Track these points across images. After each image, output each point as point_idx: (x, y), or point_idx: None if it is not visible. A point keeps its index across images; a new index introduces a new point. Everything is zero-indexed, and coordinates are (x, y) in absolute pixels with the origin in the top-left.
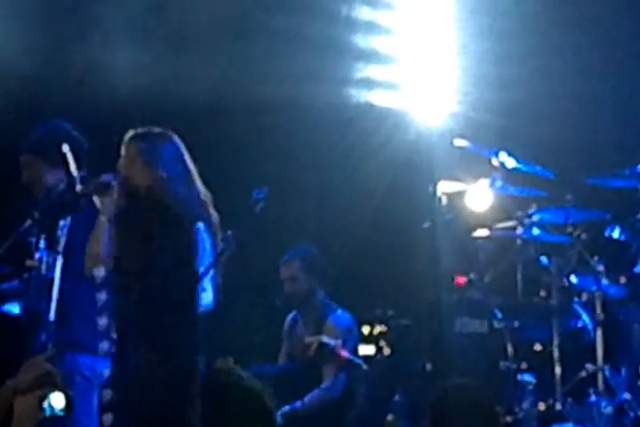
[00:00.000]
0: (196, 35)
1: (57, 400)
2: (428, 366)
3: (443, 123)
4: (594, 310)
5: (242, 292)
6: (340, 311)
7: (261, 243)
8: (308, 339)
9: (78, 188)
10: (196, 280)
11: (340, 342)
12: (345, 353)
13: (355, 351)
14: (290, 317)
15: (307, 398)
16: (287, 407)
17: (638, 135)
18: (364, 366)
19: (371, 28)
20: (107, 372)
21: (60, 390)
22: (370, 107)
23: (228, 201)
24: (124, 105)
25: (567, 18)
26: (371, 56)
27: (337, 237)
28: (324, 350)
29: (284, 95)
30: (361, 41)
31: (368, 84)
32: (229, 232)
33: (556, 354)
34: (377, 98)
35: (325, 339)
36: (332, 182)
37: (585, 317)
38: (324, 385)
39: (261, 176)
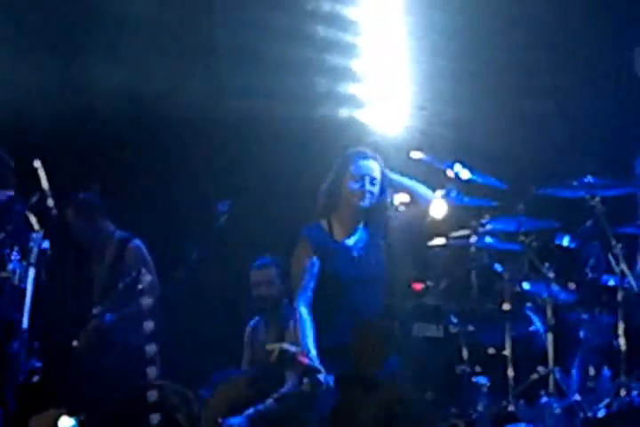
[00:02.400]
0: (162, 51)
1: (64, 423)
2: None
3: (399, 136)
4: (545, 314)
5: (206, 300)
6: None
7: (226, 253)
8: (269, 346)
9: (50, 202)
10: None
11: (300, 348)
12: (305, 359)
13: None
14: (251, 323)
15: (269, 402)
16: (251, 410)
17: (585, 148)
18: (324, 372)
19: (332, 45)
20: None
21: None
22: (329, 120)
23: (194, 213)
24: (90, 118)
25: (517, 39)
26: (331, 72)
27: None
28: (286, 357)
29: (248, 109)
30: (323, 58)
31: (328, 98)
32: None
33: (509, 357)
34: (337, 112)
35: (286, 346)
36: (294, 192)
37: (536, 321)
38: (285, 389)
39: (225, 188)
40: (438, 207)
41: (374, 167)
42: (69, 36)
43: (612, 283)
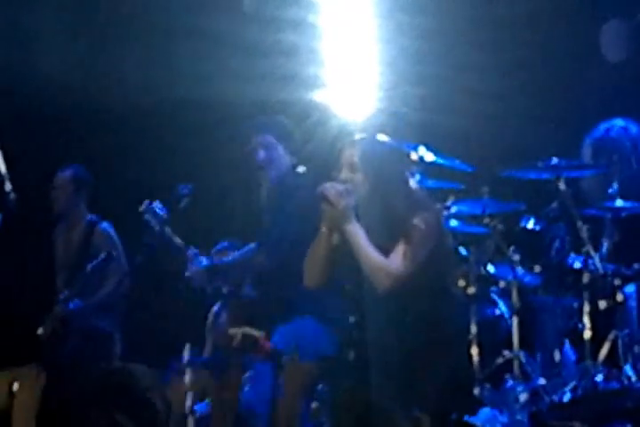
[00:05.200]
0: (120, 34)
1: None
2: (352, 355)
3: (364, 118)
4: (510, 298)
5: (167, 285)
6: None
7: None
8: (232, 330)
9: (7, 186)
10: None
11: (263, 333)
12: (268, 344)
13: None
14: (214, 308)
15: None
16: None
17: (551, 130)
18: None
19: (293, 25)
20: None
21: None
22: (293, 103)
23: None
24: (49, 103)
25: (484, 17)
26: (293, 53)
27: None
28: (248, 342)
29: (207, 93)
30: (283, 39)
31: (291, 81)
32: None
33: (474, 341)
34: (300, 94)
35: (249, 330)
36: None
37: (502, 305)
38: (247, 375)
39: (186, 173)
40: None
41: (350, 153)
42: (24, 17)
43: (577, 265)
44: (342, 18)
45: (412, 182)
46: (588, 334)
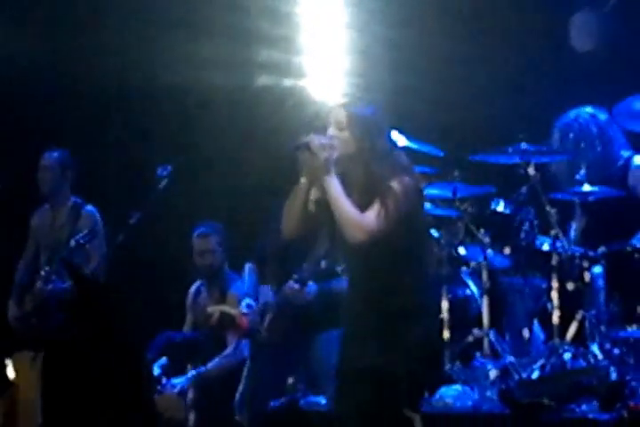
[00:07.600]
0: (101, 20)
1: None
2: None
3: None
4: (480, 278)
5: (147, 265)
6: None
7: (166, 218)
8: (210, 309)
9: None
10: None
11: (240, 311)
12: (245, 322)
13: None
14: (193, 287)
15: (210, 364)
16: (193, 372)
17: (521, 116)
18: (264, 334)
19: (270, 13)
20: None
21: None
22: (270, 89)
23: (134, 179)
24: (29, 86)
25: (459, 7)
26: (270, 41)
27: (240, 213)
28: (226, 319)
29: (188, 79)
30: (260, 26)
31: (268, 67)
32: None
33: (445, 320)
34: (276, 81)
35: (227, 308)
36: (237, 161)
37: (472, 285)
38: (226, 352)
39: (167, 155)
40: None
41: (338, 112)
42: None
43: (546, 247)
44: (316, 6)
45: (396, 146)
46: (556, 313)
